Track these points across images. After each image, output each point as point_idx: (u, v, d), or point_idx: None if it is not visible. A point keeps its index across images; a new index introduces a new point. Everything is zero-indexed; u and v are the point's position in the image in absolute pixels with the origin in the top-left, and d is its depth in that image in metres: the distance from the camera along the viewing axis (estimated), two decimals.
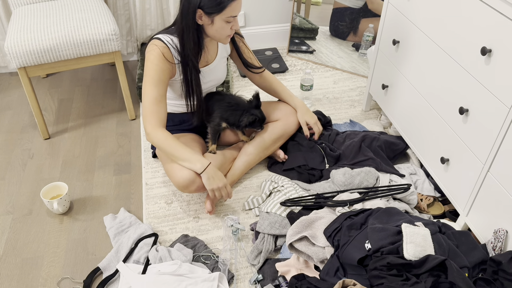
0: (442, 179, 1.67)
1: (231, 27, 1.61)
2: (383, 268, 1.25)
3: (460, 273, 1.20)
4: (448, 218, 1.69)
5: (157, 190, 1.88)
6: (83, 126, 2.27)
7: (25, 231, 1.73)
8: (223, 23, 1.57)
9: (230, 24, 1.59)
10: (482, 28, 1.35)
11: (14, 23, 2.06)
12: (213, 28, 1.59)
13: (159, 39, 1.63)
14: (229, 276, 1.51)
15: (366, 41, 2.57)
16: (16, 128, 2.26)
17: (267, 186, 1.81)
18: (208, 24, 1.58)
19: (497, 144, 1.35)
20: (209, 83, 1.83)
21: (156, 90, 1.62)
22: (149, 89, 1.62)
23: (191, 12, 1.55)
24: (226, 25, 1.59)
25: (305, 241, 1.48)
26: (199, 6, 1.53)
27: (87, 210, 1.81)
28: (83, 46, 2.00)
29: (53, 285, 1.53)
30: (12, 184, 1.94)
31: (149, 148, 2.10)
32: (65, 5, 2.20)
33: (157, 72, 1.61)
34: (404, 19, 1.81)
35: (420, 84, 1.75)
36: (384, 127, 2.19)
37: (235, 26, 1.62)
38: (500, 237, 1.35)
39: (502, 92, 1.30)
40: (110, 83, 2.61)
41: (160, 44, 1.61)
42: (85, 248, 1.66)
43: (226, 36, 1.63)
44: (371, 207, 1.53)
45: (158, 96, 1.62)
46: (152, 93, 1.61)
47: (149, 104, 1.62)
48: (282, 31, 2.89)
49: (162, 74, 1.62)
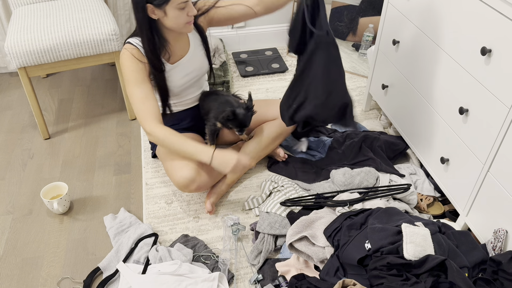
0: (442, 179, 1.67)
1: (187, 14, 1.56)
2: (383, 268, 1.25)
3: (460, 273, 1.20)
4: (448, 218, 1.69)
5: (157, 190, 1.88)
6: (83, 126, 2.27)
7: (25, 231, 1.73)
8: (176, 11, 1.53)
9: (184, 10, 1.54)
10: (482, 28, 1.35)
11: (14, 23, 2.06)
12: (168, 20, 1.55)
13: (129, 42, 1.63)
14: (229, 276, 1.52)
15: (366, 41, 2.57)
16: (16, 128, 2.26)
17: (267, 186, 1.81)
18: (163, 17, 1.55)
19: (497, 144, 1.35)
20: (191, 74, 1.79)
21: (140, 89, 1.61)
22: (132, 91, 1.61)
23: (140, 9, 1.52)
24: (180, 12, 1.54)
25: (305, 241, 1.48)
26: (147, 1, 1.50)
27: (87, 210, 1.81)
28: (83, 46, 2.00)
29: (53, 285, 1.53)
30: (12, 184, 1.94)
31: (149, 148, 2.10)
32: (65, 5, 2.20)
33: (133, 72, 1.61)
34: (404, 19, 1.81)
35: (420, 84, 1.75)
36: (384, 127, 2.19)
37: (191, 12, 1.57)
38: (500, 237, 1.35)
39: (502, 92, 1.30)
40: (110, 83, 2.61)
41: (129, 46, 1.62)
42: (85, 248, 1.66)
43: (184, 23, 1.58)
44: (371, 207, 1.53)
45: (144, 95, 1.61)
46: (137, 94, 1.61)
47: (139, 105, 1.61)
48: (282, 31, 2.89)
49: (138, 74, 1.62)
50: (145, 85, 1.62)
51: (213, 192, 1.80)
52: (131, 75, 1.61)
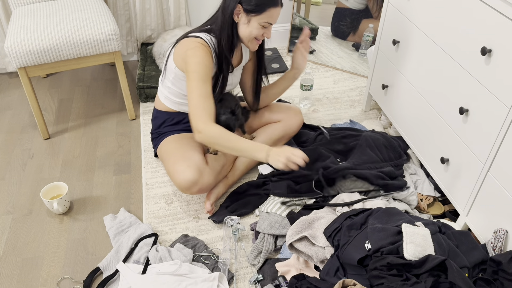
0: (442, 179, 1.67)
1: (263, 33, 1.61)
2: (383, 268, 1.25)
3: (460, 273, 1.20)
4: (448, 218, 1.69)
5: (157, 190, 1.88)
6: (83, 126, 2.27)
7: (25, 231, 1.73)
8: (258, 26, 1.58)
9: (263, 29, 1.59)
10: (482, 28, 1.35)
11: (14, 23, 2.06)
12: (247, 29, 1.59)
13: (200, 37, 1.62)
14: (229, 276, 1.51)
15: (366, 41, 2.57)
16: (16, 128, 2.26)
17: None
18: (244, 23, 1.58)
19: (497, 144, 1.35)
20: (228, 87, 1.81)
21: (204, 86, 1.58)
22: (197, 85, 1.58)
23: (232, 5, 1.55)
24: (260, 29, 1.59)
25: (305, 241, 1.48)
26: (239, 1, 1.54)
27: (87, 210, 1.81)
28: (83, 46, 2.00)
29: (53, 285, 1.53)
30: (12, 184, 1.94)
31: (149, 148, 2.10)
32: (65, 5, 2.20)
33: (205, 68, 1.58)
34: (404, 19, 1.81)
35: (420, 84, 1.75)
36: (384, 127, 2.19)
37: (266, 34, 1.62)
38: (500, 237, 1.35)
39: (502, 92, 1.30)
40: (110, 83, 2.61)
41: (203, 42, 1.61)
42: (85, 248, 1.66)
43: (254, 39, 1.63)
44: (371, 207, 1.53)
45: (207, 93, 1.59)
46: (200, 90, 1.58)
47: (198, 101, 1.57)
48: (282, 31, 2.89)
49: (209, 71, 1.60)
50: (209, 83, 1.61)
51: (213, 192, 1.79)
52: (201, 70, 1.58)
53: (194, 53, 1.58)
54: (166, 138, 1.83)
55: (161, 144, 1.84)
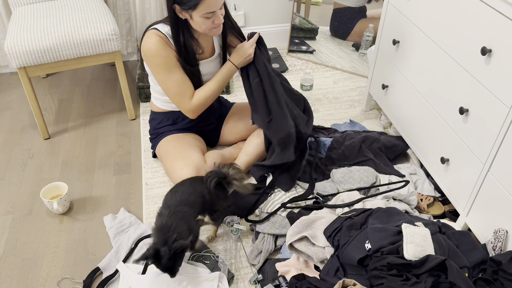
0: (442, 179, 1.67)
1: (213, 21, 1.56)
2: (383, 268, 1.25)
3: (460, 273, 1.20)
4: (448, 218, 1.69)
5: (157, 190, 1.88)
6: (83, 126, 2.27)
7: (25, 231, 1.73)
8: (201, 18, 1.54)
9: (210, 19, 1.55)
10: (482, 28, 1.35)
11: (14, 23, 2.06)
12: (194, 23, 1.57)
13: (155, 28, 1.61)
14: (229, 276, 1.51)
15: (366, 41, 2.57)
16: (16, 128, 2.26)
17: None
18: (190, 20, 1.56)
19: (497, 144, 1.35)
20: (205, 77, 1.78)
21: (172, 75, 1.58)
22: (164, 77, 1.58)
23: (169, 6, 1.54)
24: (206, 20, 1.54)
25: (305, 241, 1.48)
26: (174, 2, 1.51)
27: (87, 210, 1.81)
28: (83, 46, 2.00)
29: (53, 285, 1.53)
30: (12, 184, 1.94)
31: (149, 148, 2.10)
32: (65, 5, 2.20)
33: (164, 58, 1.58)
34: (404, 19, 1.81)
35: (420, 84, 1.75)
36: (384, 127, 2.19)
37: (217, 20, 1.56)
38: (500, 237, 1.35)
39: (502, 92, 1.30)
40: (110, 83, 2.61)
41: (156, 32, 1.60)
42: (85, 248, 1.66)
43: (210, 29, 1.58)
44: (371, 207, 1.53)
45: (177, 78, 1.59)
46: (170, 79, 1.58)
47: (173, 90, 1.60)
48: (282, 31, 2.89)
49: (169, 60, 1.59)
50: (175, 69, 1.60)
51: None
52: (160, 61, 1.58)
53: (149, 47, 1.59)
54: (164, 138, 1.84)
55: (159, 144, 1.85)
